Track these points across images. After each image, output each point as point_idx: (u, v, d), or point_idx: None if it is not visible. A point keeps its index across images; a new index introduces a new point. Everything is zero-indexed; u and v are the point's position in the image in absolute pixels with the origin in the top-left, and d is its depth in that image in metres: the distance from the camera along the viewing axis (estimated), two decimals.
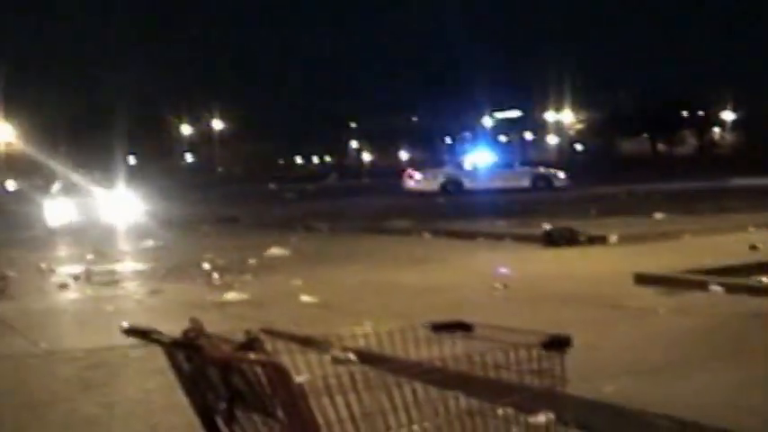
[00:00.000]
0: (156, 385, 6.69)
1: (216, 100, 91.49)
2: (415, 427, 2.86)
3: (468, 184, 40.04)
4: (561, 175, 41.43)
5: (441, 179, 40.88)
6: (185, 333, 2.77)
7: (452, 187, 39.65)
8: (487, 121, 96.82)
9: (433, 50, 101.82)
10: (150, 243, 20.48)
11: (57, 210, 30.48)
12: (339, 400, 2.69)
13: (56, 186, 32.83)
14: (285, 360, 2.71)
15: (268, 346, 2.81)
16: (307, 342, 3.04)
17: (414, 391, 2.86)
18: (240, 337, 2.74)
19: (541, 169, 43.64)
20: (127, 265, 16.45)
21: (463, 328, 3.13)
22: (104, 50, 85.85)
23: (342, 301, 10.74)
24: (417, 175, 41.96)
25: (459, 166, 43.92)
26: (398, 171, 50.08)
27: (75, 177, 34.53)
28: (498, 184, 38.78)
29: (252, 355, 2.65)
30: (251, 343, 2.72)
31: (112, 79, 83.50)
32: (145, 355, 7.33)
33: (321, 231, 22.35)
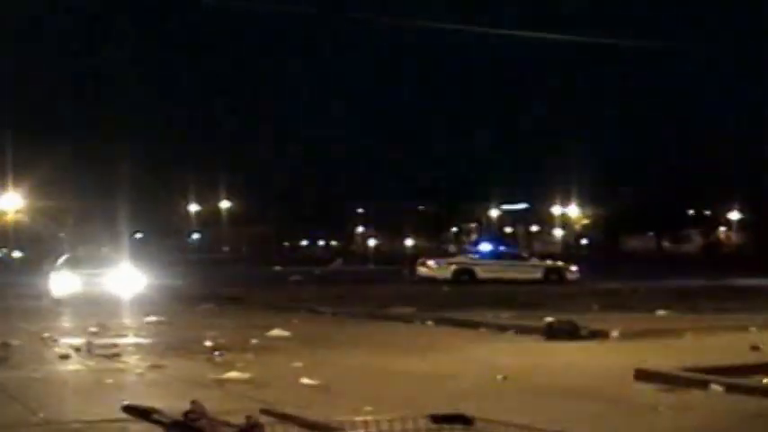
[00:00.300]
0: None
1: (224, 181, 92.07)
2: None
3: (481, 273, 39.97)
4: (573, 268, 41.46)
5: (454, 267, 40.87)
6: (186, 414, 2.73)
7: (465, 276, 39.64)
8: (494, 213, 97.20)
9: (442, 141, 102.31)
10: (153, 318, 20.49)
11: (62, 281, 30.61)
12: None
13: (62, 258, 32.96)
14: None
15: (268, 429, 2.78)
16: (306, 426, 3.06)
17: None
18: (241, 420, 2.77)
19: (556, 262, 43.70)
20: (129, 339, 16.48)
21: (463, 421, 3.04)
22: (117, 123, 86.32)
23: (342, 384, 10.76)
24: (431, 262, 41.93)
25: (474, 255, 43.96)
26: (405, 258, 49.96)
27: (82, 250, 34.72)
28: (511, 275, 38.74)
29: None
30: (251, 429, 2.72)
31: (123, 154, 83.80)
32: (144, 429, 7.33)
33: (324, 315, 22.37)
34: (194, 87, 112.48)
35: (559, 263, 43.71)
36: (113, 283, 28.93)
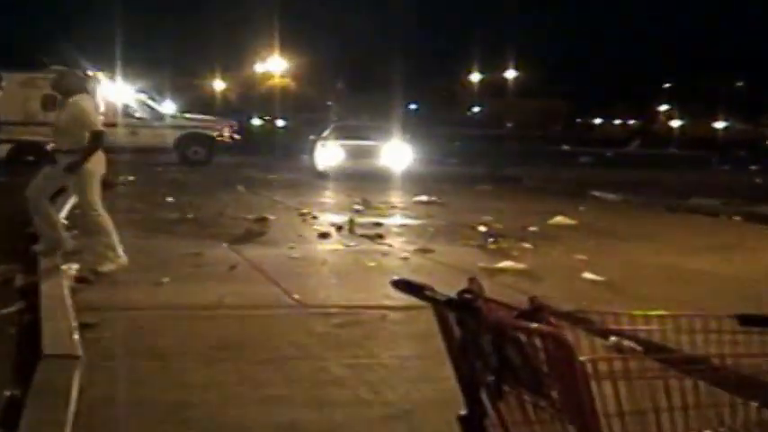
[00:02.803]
0: (412, 352, 6.83)
1: (513, 47, 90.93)
2: None
3: None
4: None
5: None
6: (462, 293, 2.72)
7: None
8: None
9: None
10: (423, 198, 20.91)
11: (327, 153, 31.64)
12: (613, 389, 2.62)
13: (328, 128, 33.98)
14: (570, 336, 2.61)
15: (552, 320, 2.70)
16: (585, 322, 3.02)
17: (696, 391, 2.78)
18: (522, 304, 2.74)
19: None
20: (395, 220, 16.88)
21: None
22: None
23: (632, 283, 10.53)
24: None
25: None
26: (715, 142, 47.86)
27: (351, 120, 35.69)
28: None
29: (533, 325, 2.61)
30: (534, 312, 2.67)
31: (395, 23, 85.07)
32: (403, 319, 7.51)
33: (615, 203, 22.08)
34: None
35: None
36: (382, 158, 29.61)
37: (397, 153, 30.04)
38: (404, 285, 2.92)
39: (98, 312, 8.01)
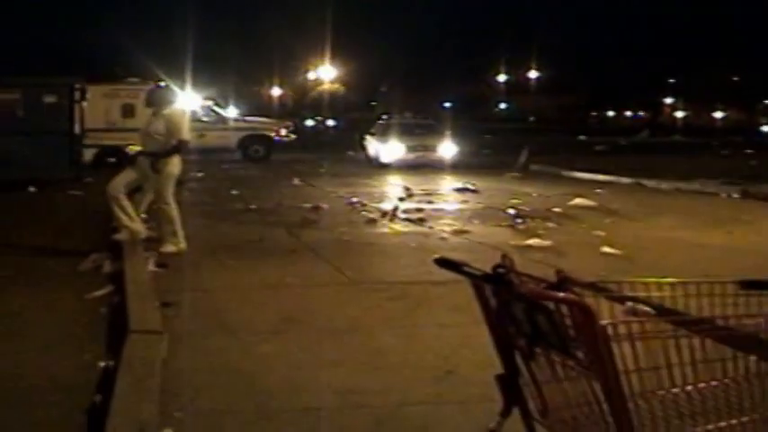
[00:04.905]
0: (453, 321, 6.82)
1: (534, 49, 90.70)
2: (702, 384, 2.81)
3: None
4: None
5: None
6: (495, 268, 2.77)
7: None
8: None
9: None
10: (459, 185, 20.91)
11: (373, 147, 31.86)
12: (631, 349, 2.65)
13: (375, 125, 34.15)
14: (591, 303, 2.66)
15: (577, 291, 2.78)
16: (604, 291, 3.03)
17: (703, 348, 2.79)
18: (549, 277, 2.76)
19: None
20: (436, 205, 16.85)
21: None
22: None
23: (645, 255, 10.51)
24: None
25: None
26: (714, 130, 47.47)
27: (395, 117, 35.76)
28: None
29: (560, 295, 2.65)
30: (561, 283, 2.73)
31: (433, 27, 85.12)
32: (444, 293, 7.50)
33: (628, 185, 21.92)
34: None
35: None
36: (437, 151, 29.98)
37: (447, 146, 30.36)
38: (444, 262, 2.97)
39: (176, 293, 8.11)
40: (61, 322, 7.25)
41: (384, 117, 36.25)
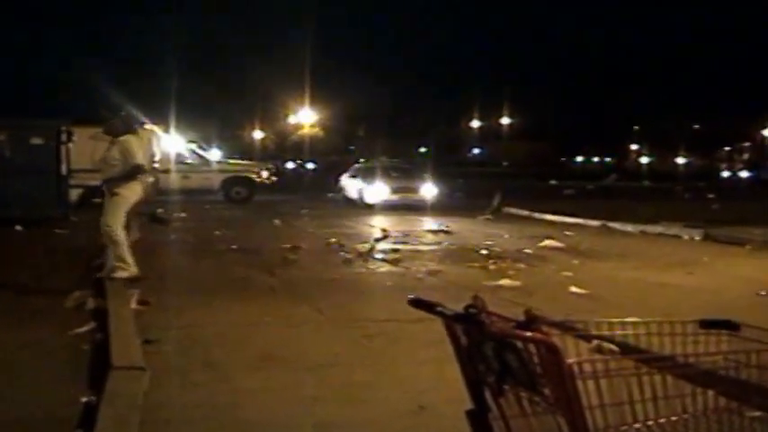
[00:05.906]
0: (428, 358, 6.80)
1: (506, 98, 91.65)
2: (662, 419, 2.81)
3: None
4: None
5: None
6: (467, 308, 2.79)
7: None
8: None
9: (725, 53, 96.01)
10: (434, 227, 20.92)
11: (351, 188, 31.97)
12: (595, 386, 2.66)
13: (352, 168, 34.33)
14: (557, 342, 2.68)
15: (544, 329, 2.77)
16: (571, 329, 3.05)
17: (664, 384, 2.81)
18: (518, 316, 2.78)
19: None
20: (410, 246, 16.81)
21: (730, 327, 3.04)
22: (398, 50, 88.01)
23: (611, 295, 10.57)
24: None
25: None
26: (678, 176, 48.08)
27: (374, 161, 35.91)
28: None
29: (528, 334, 2.66)
30: (529, 322, 2.73)
31: (408, 74, 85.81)
32: (419, 330, 7.49)
33: (596, 228, 22.01)
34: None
35: None
36: (418, 193, 30.23)
37: (428, 188, 30.63)
38: (418, 303, 3.00)
39: (159, 330, 8.07)
40: (44, 358, 7.19)
41: (361, 161, 36.45)
